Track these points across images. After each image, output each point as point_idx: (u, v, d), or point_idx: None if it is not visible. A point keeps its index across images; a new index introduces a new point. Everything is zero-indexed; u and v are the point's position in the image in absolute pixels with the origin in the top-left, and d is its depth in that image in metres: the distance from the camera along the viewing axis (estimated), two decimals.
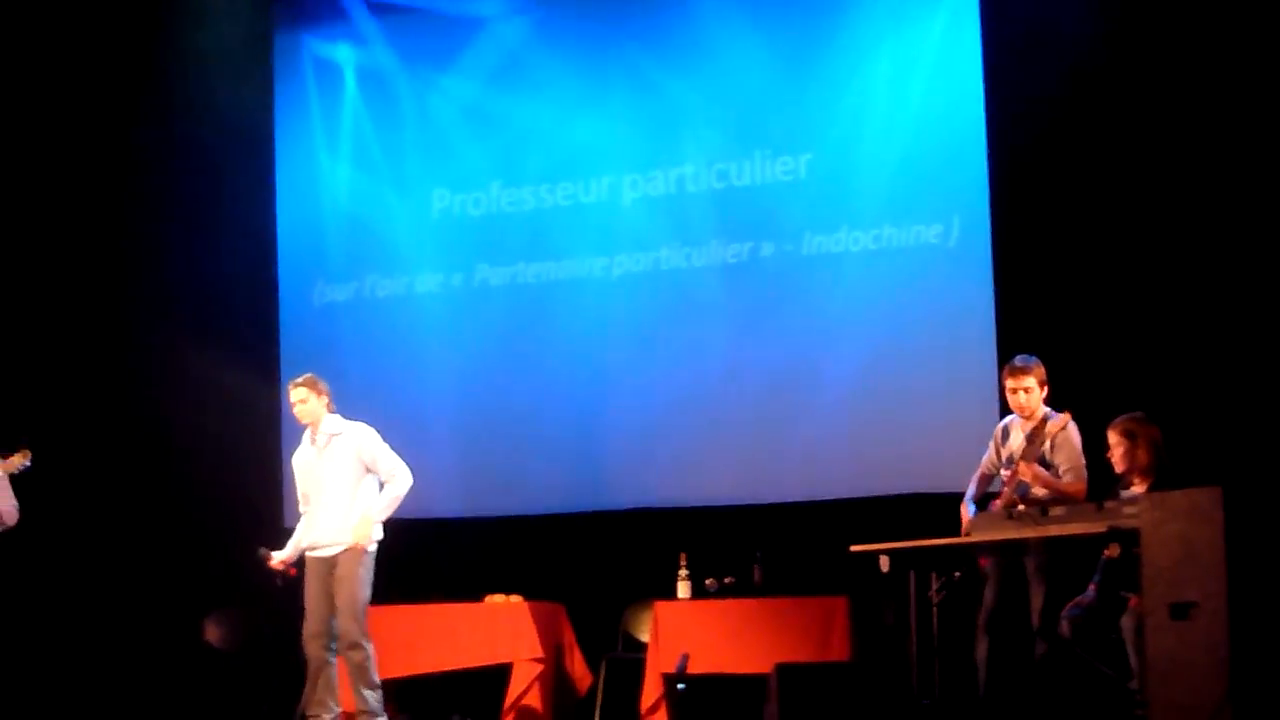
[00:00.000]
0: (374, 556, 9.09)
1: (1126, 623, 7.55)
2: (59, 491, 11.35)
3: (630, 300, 11.07)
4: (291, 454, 9.48)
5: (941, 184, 10.30)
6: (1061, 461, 8.14)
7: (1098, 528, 7.16)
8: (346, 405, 9.29)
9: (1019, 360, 8.31)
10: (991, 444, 8.53)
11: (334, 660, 9.11)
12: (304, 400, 9.07)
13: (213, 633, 11.17)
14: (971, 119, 10.22)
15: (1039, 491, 8.07)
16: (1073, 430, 8.17)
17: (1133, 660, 7.49)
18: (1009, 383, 8.30)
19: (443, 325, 11.54)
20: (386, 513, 9.09)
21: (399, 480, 9.11)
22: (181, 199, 12.10)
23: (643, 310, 11.05)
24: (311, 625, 9.06)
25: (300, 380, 9.15)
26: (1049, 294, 9.87)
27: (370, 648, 9.01)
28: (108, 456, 11.95)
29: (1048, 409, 8.24)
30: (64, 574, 11.67)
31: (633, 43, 11.25)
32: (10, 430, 9.91)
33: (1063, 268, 9.89)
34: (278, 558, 9.16)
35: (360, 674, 8.99)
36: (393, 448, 9.20)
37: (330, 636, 9.02)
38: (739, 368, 10.73)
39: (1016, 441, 8.30)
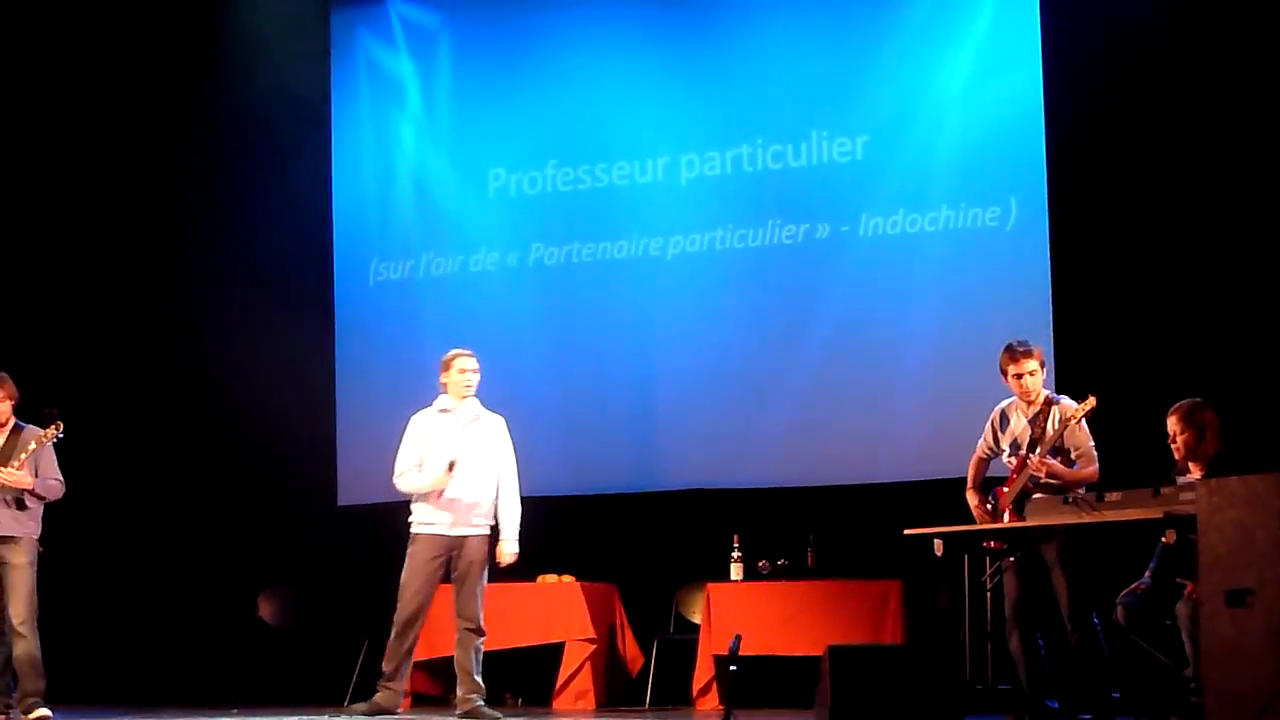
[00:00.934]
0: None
1: (1182, 610, 7.49)
2: (113, 466, 11.44)
3: (686, 281, 11.04)
4: (343, 428, 9.39)
5: (999, 166, 10.24)
6: (1073, 447, 8.07)
7: (1154, 514, 7.12)
8: (401, 382, 9.30)
9: (1019, 345, 8.22)
10: (988, 428, 8.45)
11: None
12: (478, 372, 9.12)
13: (266, 609, 11.20)
14: (1029, 101, 10.15)
15: (1053, 481, 8.01)
16: (1078, 412, 8.09)
17: (1188, 648, 7.44)
18: (1011, 368, 8.21)
19: (496, 305, 11.53)
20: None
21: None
22: (239, 173, 12.15)
23: (698, 291, 11.01)
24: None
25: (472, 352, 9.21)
26: (1106, 277, 9.82)
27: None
28: (162, 430, 12.02)
29: (1048, 391, 8.17)
30: (119, 549, 11.76)
31: (689, 23, 11.23)
32: (60, 402, 9.96)
33: (1119, 250, 9.83)
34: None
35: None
36: None
37: None
38: (794, 349, 10.69)
39: (1019, 427, 8.23)
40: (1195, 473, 7.71)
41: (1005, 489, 8.18)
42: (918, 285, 10.41)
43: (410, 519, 9.15)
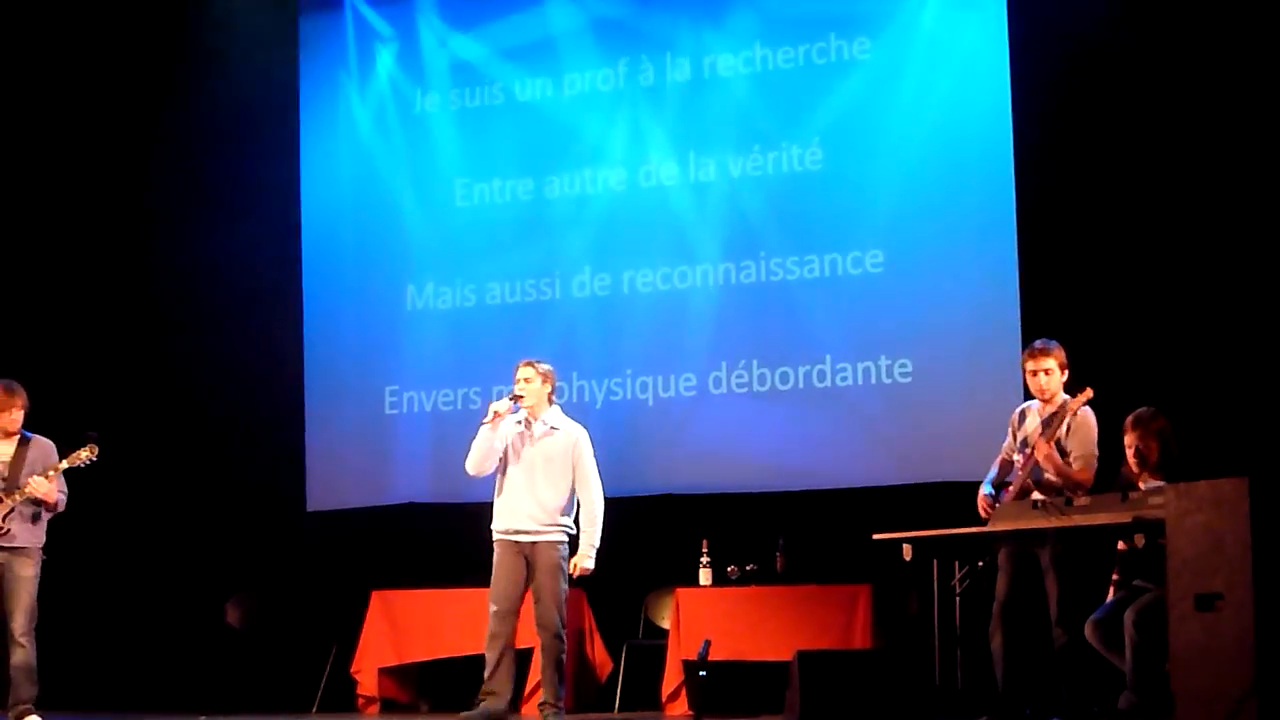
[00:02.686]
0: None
1: (1128, 615, 7.52)
2: (80, 471, 11.37)
3: (654, 290, 11.05)
4: (312, 434, 9.28)
5: (969, 170, 10.27)
6: (1074, 448, 8.05)
7: (1123, 518, 7.14)
8: (369, 389, 9.25)
9: (1039, 343, 8.24)
10: (1009, 429, 8.48)
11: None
12: (530, 380, 9.02)
13: (235, 614, 11.18)
14: (996, 111, 10.20)
15: (1051, 476, 8.02)
16: (1089, 417, 8.09)
17: (1128, 651, 7.47)
18: (1029, 365, 8.24)
19: (465, 313, 11.52)
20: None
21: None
22: (209, 178, 12.08)
23: (664, 302, 11.02)
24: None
25: (534, 362, 9.04)
26: (1072, 283, 9.86)
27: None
28: (130, 436, 11.93)
29: (1066, 395, 8.19)
30: (86, 554, 11.69)
31: (659, 32, 11.29)
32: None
33: (1086, 257, 9.89)
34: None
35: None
36: (419, 437, 9.13)
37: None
38: (762, 355, 10.72)
39: (1033, 425, 8.24)
40: (1147, 482, 7.74)
41: (1011, 488, 8.18)
42: (884, 292, 10.44)
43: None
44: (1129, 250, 9.77)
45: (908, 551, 7.93)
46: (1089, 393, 7.99)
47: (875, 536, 8.04)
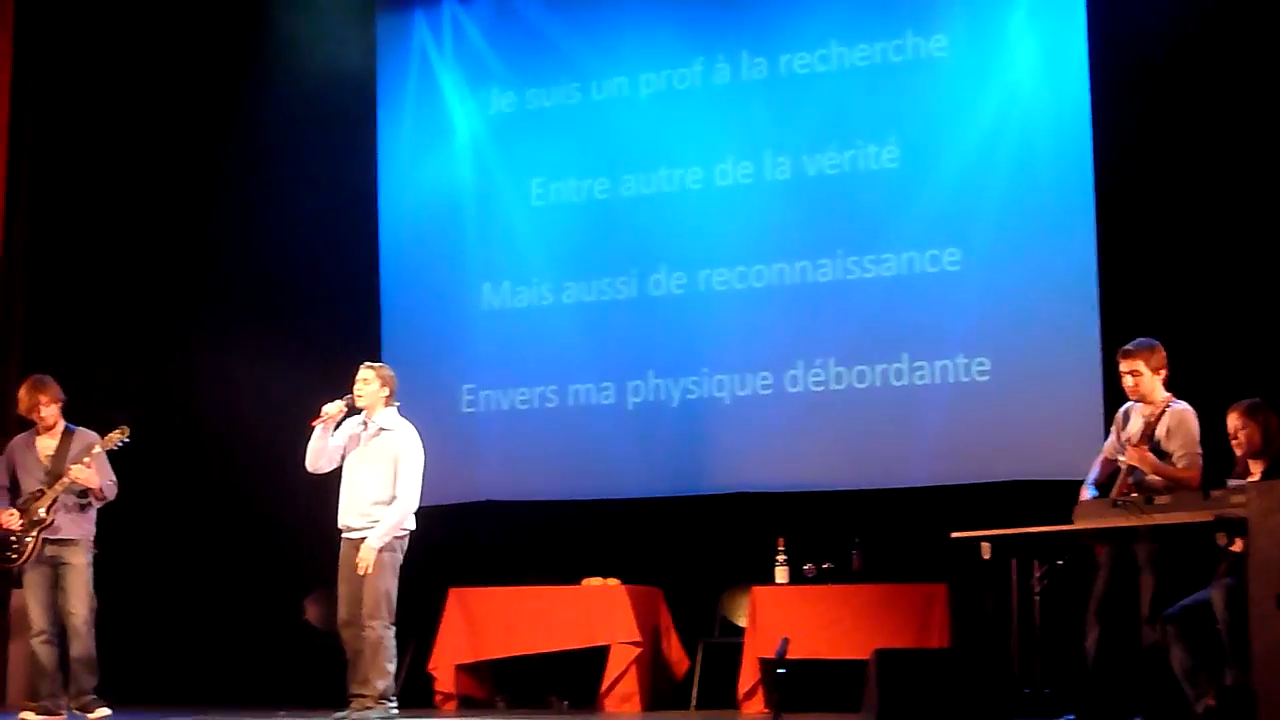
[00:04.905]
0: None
1: (1216, 596, 7.45)
2: (164, 468, 11.48)
3: (730, 289, 11.05)
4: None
5: (1046, 168, 10.21)
6: (1176, 449, 8.00)
7: (1204, 516, 7.09)
8: (446, 389, 9.26)
9: (1131, 344, 8.21)
10: (1113, 428, 8.41)
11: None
12: (368, 382, 9.05)
13: (312, 612, 11.24)
14: (1074, 106, 10.15)
15: (1153, 478, 7.96)
16: (1189, 416, 8.04)
17: (1222, 630, 7.41)
18: (1121, 366, 8.20)
19: (541, 314, 11.56)
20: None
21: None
22: (284, 184, 12.17)
23: (740, 300, 11.02)
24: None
25: (375, 365, 9.16)
26: (1152, 279, 9.79)
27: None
28: (212, 433, 12.07)
29: (1169, 395, 8.13)
30: (168, 551, 11.80)
31: (740, 30, 11.26)
32: (114, 402, 10.06)
33: (1165, 253, 9.81)
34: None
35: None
36: (495, 435, 9.16)
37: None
38: (839, 354, 10.69)
39: (1135, 426, 8.18)
40: (1256, 472, 7.68)
41: (1114, 490, 8.12)
42: (964, 286, 10.39)
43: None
44: (1208, 245, 9.70)
45: (986, 550, 7.90)
46: (1171, 400, 7.95)
47: (954, 535, 8.01)
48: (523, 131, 11.79)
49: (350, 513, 8.95)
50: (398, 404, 9.13)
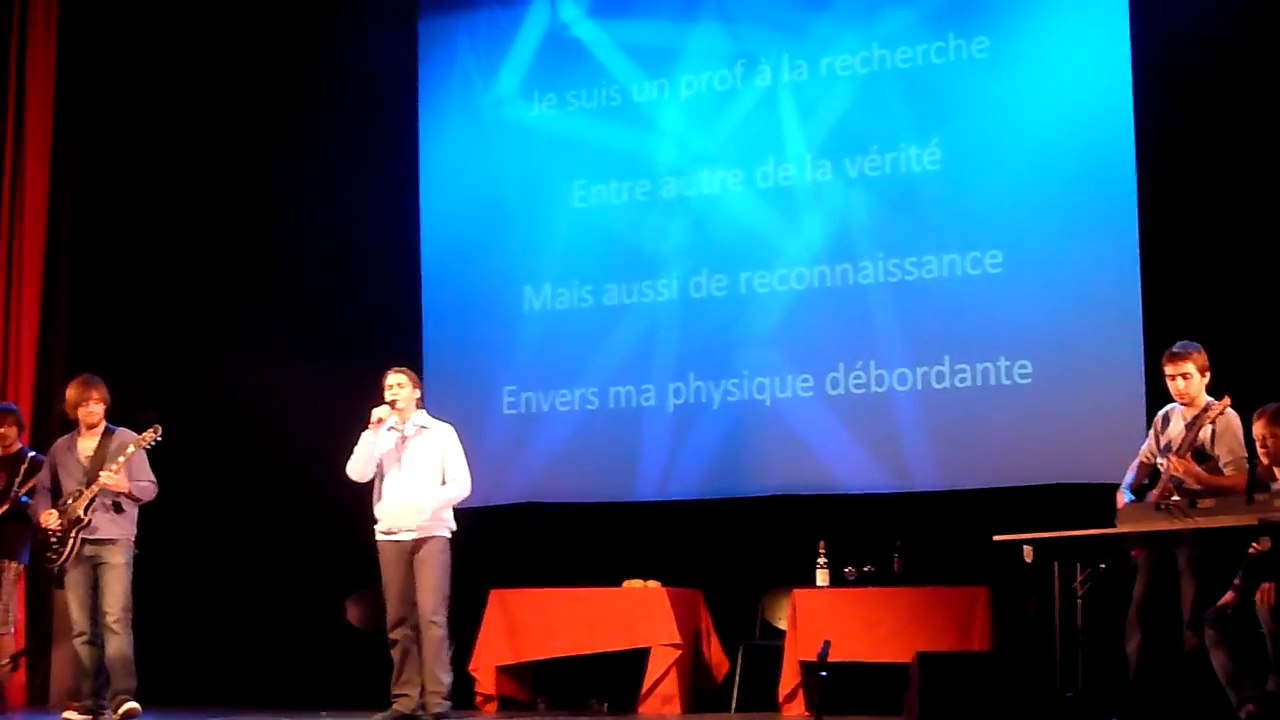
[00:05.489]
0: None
1: (1263, 612, 7.42)
2: (205, 468, 11.52)
3: (771, 290, 11.04)
4: None
5: (1089, 169, 10.17)
6: (1223, 453, 7.95)
7: (1247, 520, 7.05)
8: (487, 390, 9.33)
9: (1177, 346, 8.15)
10: (1151, 431, 8.37)
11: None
12: (401, 386, 9.13)
13: (354, 613, 11.26)
14: (1117, 107, 10.10)
15: (1194, 484, 7.91)
16: (1234, 419, 7.98)
17: (1268, 641, 7.39)
18: (1168, 369, 8.15)
19: (583, 314, 11.56)
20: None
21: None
22: (326, 186, 12.21)
23: (781, 302, 11.01)
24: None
25: (401, 369, 9.25)
26: (1195, 282, 9.74)
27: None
28: (253, 433, 12.10)
29: (1210, 398, 8.09)
30: (209, 551, 11.84)
31: (781, 34, 11.25)
32: (156, 403, 10.11)
33: (1209, 255, 9.76)
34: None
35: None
36: (536, 437, 9.22)
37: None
38: (880, 356, 10.67)
39: (1176, 429, 8.14)
40: None
41: (1153, 493, 8.09)
42: (1003, 291, 10.36)
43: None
44: (1253, 248, 9.65)
45: (1029, 553, 7.87)
46: (1227, 400, 7.91)
47: (996, 538, 7.99)
48: (564, 134, 11.79)
49: (401, 515, 8.98)
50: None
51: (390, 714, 8.99)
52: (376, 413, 9.05)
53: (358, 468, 9.17)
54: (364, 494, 9.28)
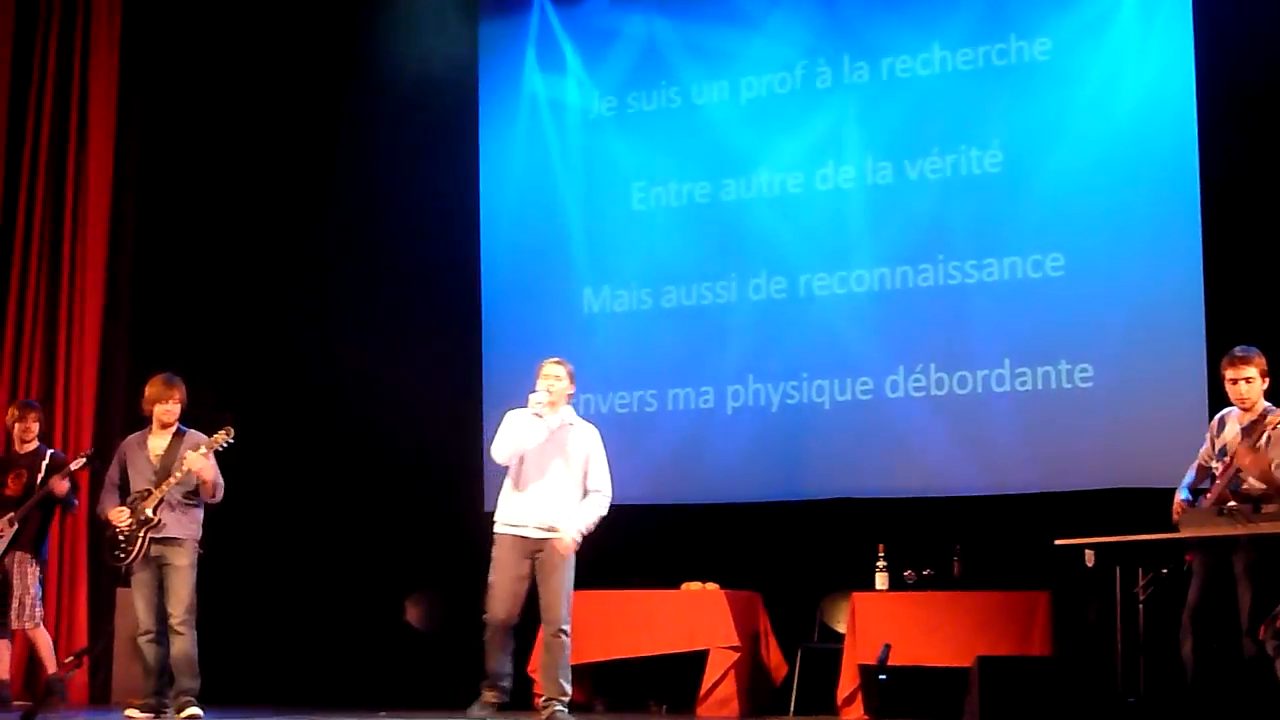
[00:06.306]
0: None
1: None
2: (263, 470, 11.57)
3: (830, 293, 11.03)
4: (490, 434, 9.35)
5: (1151, 172, 10.12)
6: (1277, 456, 7.92)
7: None
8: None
9: (1238, 350, 8.10)
10: (1208, 435, 8.33)
11: None
12: (560, 379, 9.03)
13: (413, 613, 11.30)
14: (1179, 109, 10.05)
15: (1254, 484, 7.86)
16: None
17: None
18: (1228, 373, 8.10)
19: (641, 316, 11.57)
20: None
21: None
22: (388, 174, 12.25)
23: (841, 305, 10.99)
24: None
25: (560, 360, 9.11)
26: (1259, 285, 9.68)
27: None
28: (312, 435, 12.14)
29: (1268, 404, 8.03)
30: (269, 553, 11.89)
31: (838, 35, 11.24)
32: (214, 405, 10.16)
33: (1273, 258, 9.69)
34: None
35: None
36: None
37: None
38: (939, 359, 10.64)
39: (1231, 433, 8.10)
40: None
41: (1209, 495, 8.05)
42: (1067, 293, 10.32)
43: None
44: None
45: (1090, 557, 7.84)
46: None
47: (1058, 542, 7.96)
48: (624, 136, 11.81)
49: (536, 510, 8.87)
50: None
51: (488, 705, 8.88)
52: (534, 398, 8.92)
53: (504, 451, 8.93)
54: (423, 495, 9.30)
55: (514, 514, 8.92)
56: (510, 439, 8.92)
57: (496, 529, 8.97)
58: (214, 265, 12.37)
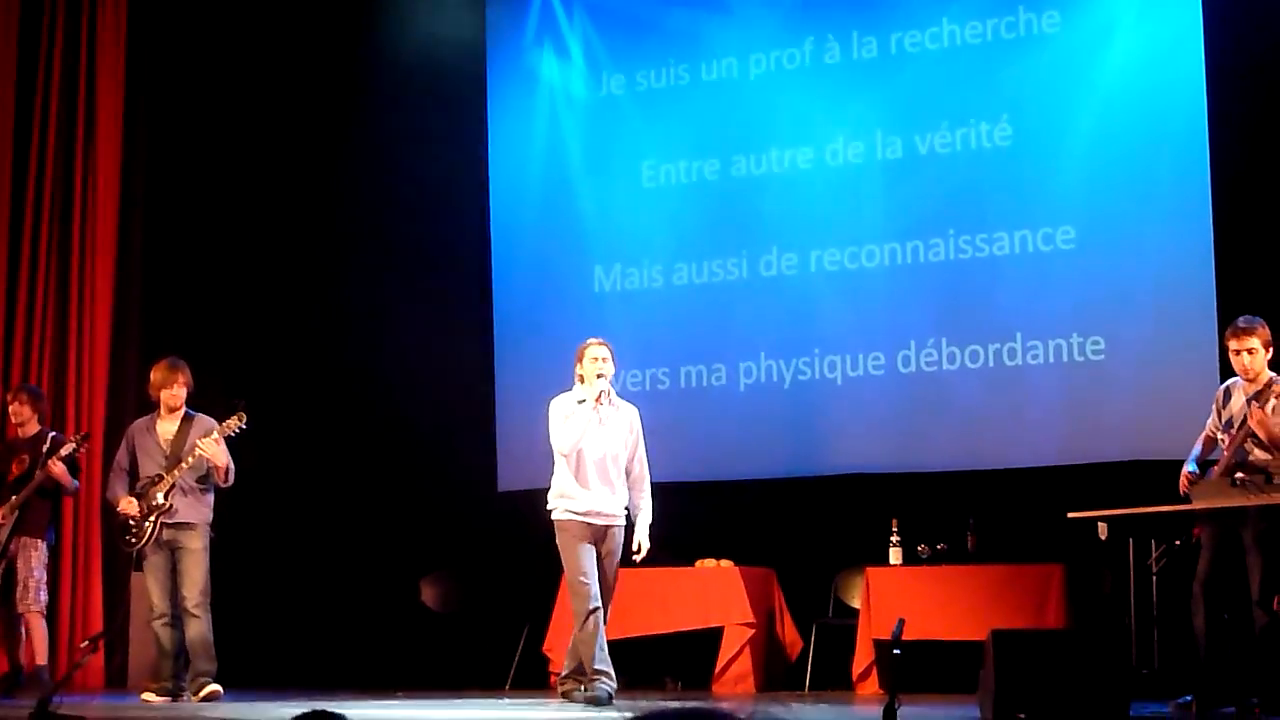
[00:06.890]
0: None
1: None
2: (277, 453, 11.59)
3: (841, 269, 11.02)
4: (503, 414, 9.33)
5: (1161, 145, 10.10)
6: None
7: None
8: (561, 368, 9.33)
9: (1242, 321, 8.09)
10: (1214, 407, 8.33)
11: None
12: (607, 360, 8.95)
13: (429, 594, 11.33)
14: (1189, 81, 10.02)
15: (1260, 455, 7.85)
16: None
17: None
18: (1232, 344, 8.09)
19: (655, 293, 11.57)
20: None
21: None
22: (400, 157, 12.23)
23: (852, 280, 10.99)
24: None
25: (603, 341, 9.03)
26: (1270, 257, 9.66)
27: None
28: (325, 417, 12.16)
29: (1273, 373, 8.03)
30: (284, 535, 11.91)
31: (846, 10, 11.22)
32: (226, 389, 10.18)
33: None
34: None
35: None
36: None
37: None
38: (951, 334, 10.64)
39: (1238, 404, 8.09)
40: None
41: (1217, 467, 8.04)
42: (1077, 266, 10.31)
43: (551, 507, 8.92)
44: None
45: (1103, 530, 7.85)
46: None
47: (1071, 515, 7.96)
48: (633, 113, 11.80)
49: (600, 498, 8.80)
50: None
51: (596, 693, 8.65)
52: (598, 385, 8.82)
53: (570, 445, 8.80)
54: (436, 475, 9.28)
55: (580, 502, 8.80)
56: (574, 433, 8.81)
57: (562, 516, 8.81)
58: (224, 250, 12.37)
